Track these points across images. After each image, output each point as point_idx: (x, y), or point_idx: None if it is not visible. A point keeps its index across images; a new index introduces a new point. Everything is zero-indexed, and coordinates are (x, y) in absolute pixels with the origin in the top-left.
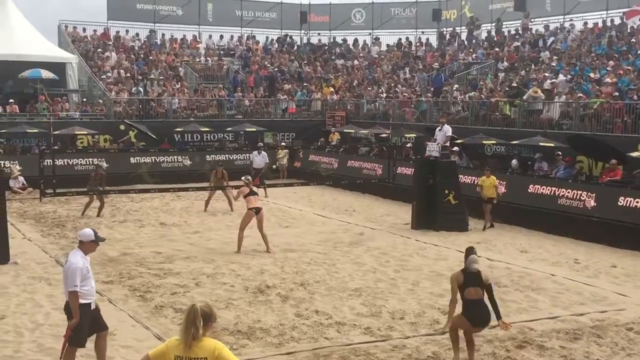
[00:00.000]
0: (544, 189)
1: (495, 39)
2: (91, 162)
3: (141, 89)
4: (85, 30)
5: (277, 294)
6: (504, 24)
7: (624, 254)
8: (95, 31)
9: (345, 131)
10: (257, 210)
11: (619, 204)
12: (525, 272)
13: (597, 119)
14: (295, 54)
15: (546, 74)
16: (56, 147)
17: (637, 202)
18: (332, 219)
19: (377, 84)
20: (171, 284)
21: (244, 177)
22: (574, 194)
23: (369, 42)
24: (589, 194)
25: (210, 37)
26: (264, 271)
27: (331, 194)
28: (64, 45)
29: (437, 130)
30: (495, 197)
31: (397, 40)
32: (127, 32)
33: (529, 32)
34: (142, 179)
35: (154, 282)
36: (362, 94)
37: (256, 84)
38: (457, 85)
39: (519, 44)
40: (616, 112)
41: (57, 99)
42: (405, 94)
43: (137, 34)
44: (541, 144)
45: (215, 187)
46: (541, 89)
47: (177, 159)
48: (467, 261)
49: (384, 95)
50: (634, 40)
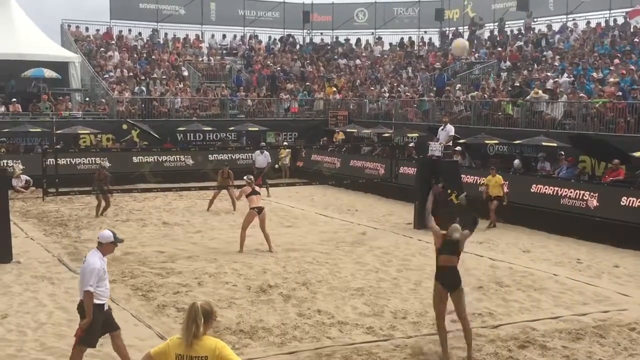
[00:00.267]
0: (546, 188)
1: (497, 38)
2: (94, 162)
3: (144, 89)
4: (88, 29)
5: (279, 294)
6: (507, 23)
7: (627, 254)
8: (98, 30)
9: (347, 131)
10: (260, 209)
11: (621, 203)
12: (527, 272)
13: (600, 119)
14: (297, 53)
15: (548, 74)
16: (59, 146)
17: None
18: (334, 219)
19: (380, 84)
20: (173, 284)
21: (246, 177)
22: (577, 193)
23: (371, 41)
24: (592, 193)
25: (212, 36)
26: (266, 271)
27: (333, 194)
28: (67, 44)
29: (440, 129)
30: (502, 195)
31: (400, 39)
32: (129, 31)
33: (532, 32)
34: (145, 179)
35: (157, 282)
36: (364, 93)
37: (258, 83)
38: (460, 84)
39: (521, 43)
40: (619, 112)
41: (60, 99)
42: (407, 94)
43: (140, 34)
44: (544, 144)
45: (218, 187)
46: (543, 88)
47: (180, 158)
48: (450, 229)
49: (387, 94)
50: (637, 39)
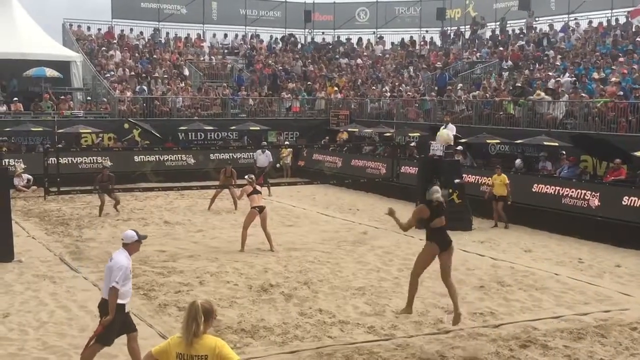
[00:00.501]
0: (548, 188)
1: (499, 38)
2: (95, 161)
3: (145, 88)
4: (89, 28)
5: (280, 293)
6: (508, 23)
7: (628, 254)
8: (99, 30)
9: (349, 130)
10: (261, 209)
11: (623, 203)
12: (529, 272)
13: (602, 119)
14: (299, 52)
15: (550, 73)
16: (60, 145)
17: None
18: (335, 218)
19: (381, 83)
20: (175, 283)
21: (247, 176)
22: (578, 193)
23: (373, 41)
24: (593, 193)
25: (214, 35)
26: (268, 270)
27: (335, 193)
28: (69, 43)
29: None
30: (506, 195)
31: (401, 39)
32: (131, 30)
33: (533, 32)
34: (146, 178)
35: (158, 281)
36: (366, 93)
37: (260, 82)
38: (461, 84)
39: (523, 43)
40: (620, 112)
41: (62, 98)
42: (409, 93)
43: (142, 33)
44: (545, 143)
45: (220, 186)
46: (545, 88)
47: (181, 157)
48: (428, 193)
49: (388, 94)
50: (639, 39)
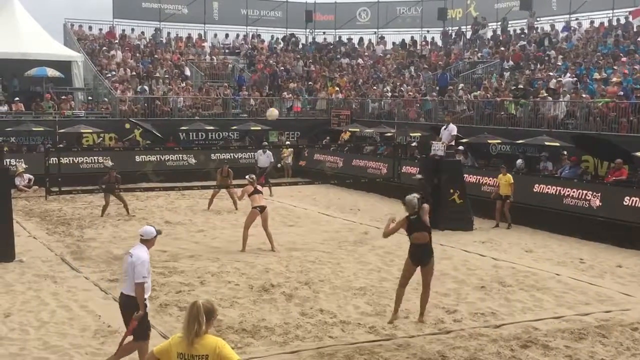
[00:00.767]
0: (549, 188)
1: (500, 38)
2: (96, 161)
3: (146, 88)
4: (90, 28)
5: (281, 293)
6: (510, 23)
7: (629, 254)
8: (100, 30)
9: (350, 130)
10: (262, 208)
11: (624, 203)
12: (530, 272)
13: (603, 119)
14: (300, 52)
15: (551, 73)
16: (61, 145)
17: None
18: (336, 218)
19: (382, 83)
20: (176, 283)
21: (248, 176)
22: (579, 193)
23: (374, 41)
24: (594, 193)
25: (215, 35)
26: (269, 270)
27: (336, 193)
28: (70, 43)
29: (443, 129)
30: (509, 194)
31: (402, 39)
32: (132, 30)
33: (535, 32)
34: (147, 178)
35: (159, 281)
36: (367, 93)
37: (261, 82)
38: (463, 84)
39: (524, 43)
40: (622, 112)
41: (63, 98)
42: (410, 93)
43: (143, 33)
44: (546, 144)
45: (220, 187)
46: (546, 88)
47: (182, 157)
48: (406, 201)
49: (389, 94)
50: None
